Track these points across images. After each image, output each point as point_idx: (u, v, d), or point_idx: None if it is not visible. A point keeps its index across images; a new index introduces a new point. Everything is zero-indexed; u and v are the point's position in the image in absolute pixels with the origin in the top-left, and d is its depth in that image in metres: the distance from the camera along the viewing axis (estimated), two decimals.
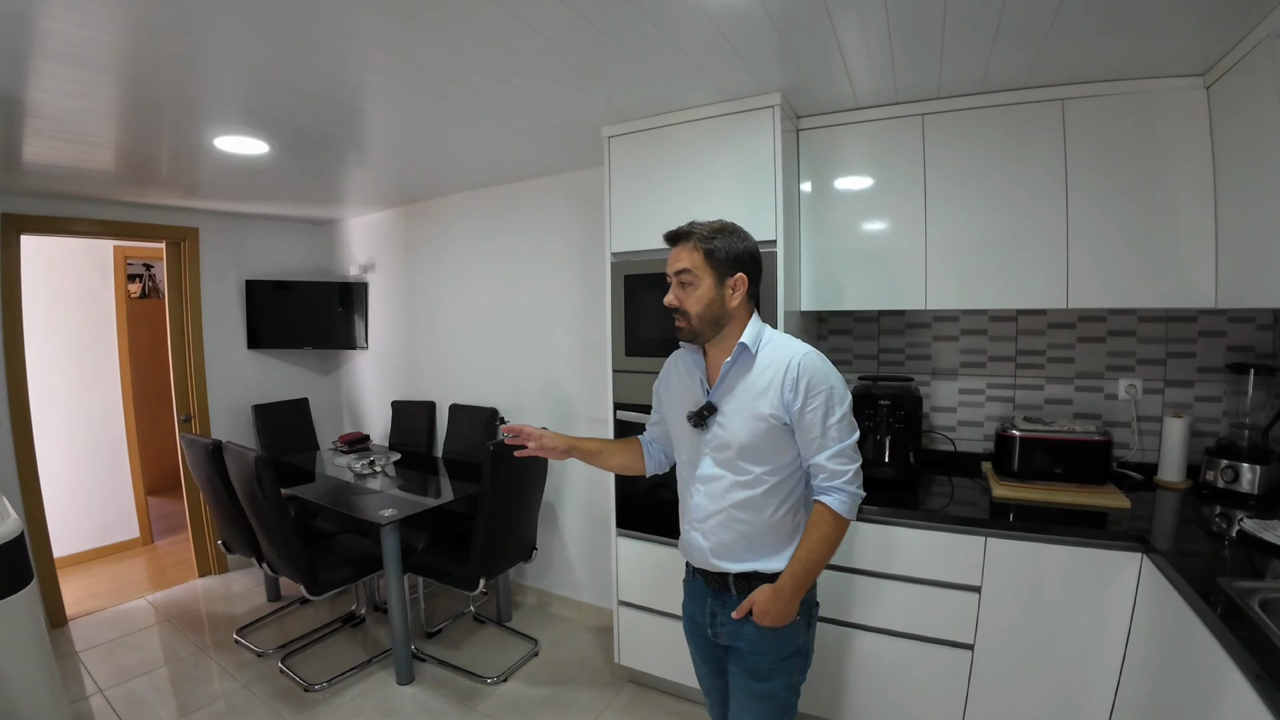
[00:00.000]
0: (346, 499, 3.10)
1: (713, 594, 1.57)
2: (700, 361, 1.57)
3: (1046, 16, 1.61)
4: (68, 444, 4.26)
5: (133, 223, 3.76)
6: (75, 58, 1.72)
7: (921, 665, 2.05)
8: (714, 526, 1.52)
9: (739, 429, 1.46)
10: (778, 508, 1.48)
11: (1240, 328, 2.20)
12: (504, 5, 1.54)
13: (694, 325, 1.47)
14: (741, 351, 1.47)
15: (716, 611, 1.56)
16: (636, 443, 1.80)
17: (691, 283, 1.46)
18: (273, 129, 2.44)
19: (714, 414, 1.50)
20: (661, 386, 1.72)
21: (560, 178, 3.34)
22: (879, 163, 2.32)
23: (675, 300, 1.48)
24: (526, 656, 3.03)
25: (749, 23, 1.67)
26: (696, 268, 1.45)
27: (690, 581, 1.67)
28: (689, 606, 1.67)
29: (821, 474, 1.44)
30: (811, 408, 1.41)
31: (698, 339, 1.50)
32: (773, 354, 1.47)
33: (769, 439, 1.45)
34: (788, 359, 1.44)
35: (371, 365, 4.60)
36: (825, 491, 1.44)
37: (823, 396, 1.41)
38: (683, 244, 1.47)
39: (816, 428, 1.42)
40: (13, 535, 2.07)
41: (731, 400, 1.48)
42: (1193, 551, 1.69)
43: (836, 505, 1.42)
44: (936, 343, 2.65)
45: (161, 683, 2.85)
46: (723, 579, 1.53)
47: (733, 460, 1.48)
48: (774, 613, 1.44)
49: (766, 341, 1.50)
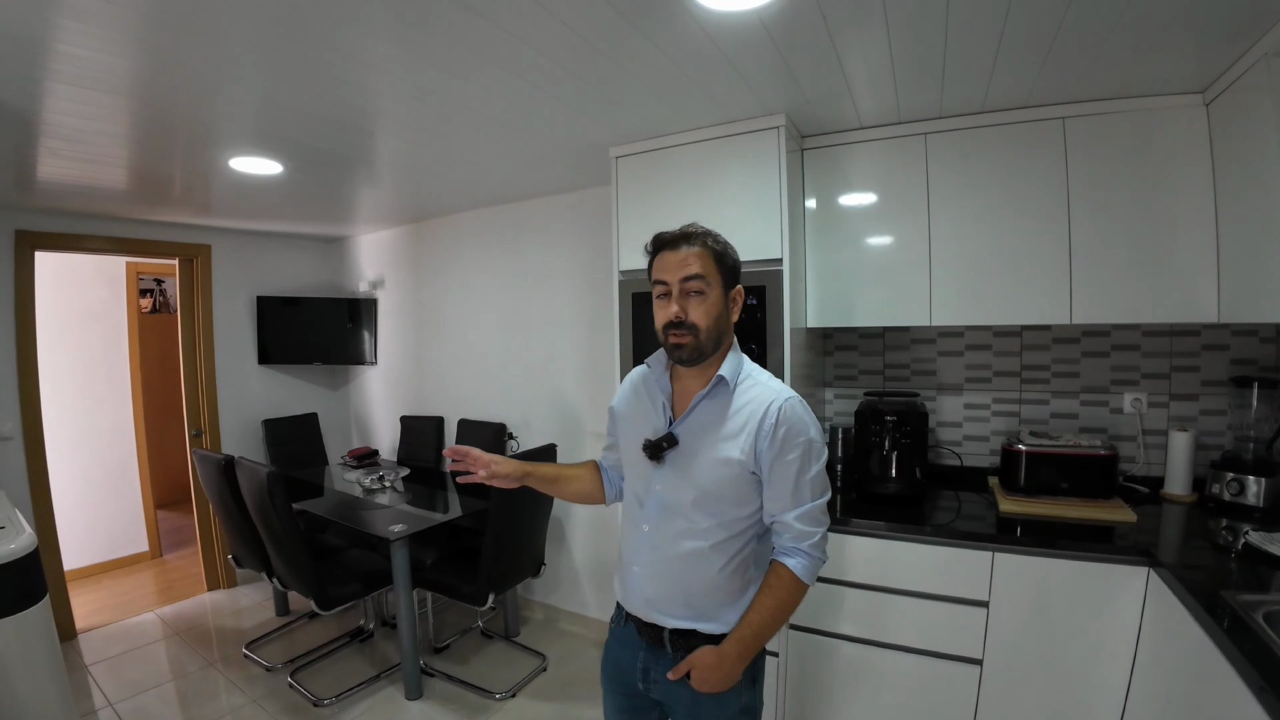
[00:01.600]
0: (355, 514, 3.12)
1: (646, 647, 1.39)
2: (666, 385, 1.40)
3: (1046, 38, 1.65)
4: (78, 457, 4.30)
5: (146, 240, 3.83)
6: (90, 80, 1.76)
7: (930, 681, 2.05)
8: (654, 573, 1.35)
9: (700, 471, 1.30)
10: (726, 564, 1.31)
11: (1244, 341, 2.21)
12: (513, 33, 1.58)
13: (701, 342, 1.29)
14: (719, 384, 1.32)
15: (650, 667, 1.39)
16: (595, 468, 1.63)
17: (703, 291, 1.28)
18: (286, 150, 2.49)
19: (673, 447, 1.32)
20: (619, 405, 1.52)
21: (568, 196, 3.39)
22: (882, 181, 2.35)
23: (680, 312, 1.28)
24: (535, 672, 3.03)
25: (753, 47, 1.70)
26: (709, 274, 1.29)
27: (620, 626, 1.47)
28: (615, 652, 1.47)
29: (787, 533, 1.29)
30: (787, 459, 1.26)
31: (701, 357, 1.31)
32: (751, 393, 1.31)
33: (732, 487, 1.29)
34: (767, 402, 1.29)
35: (380, 381, 4.64)
36: (788, 553, 1.29)
37: (801, 449, 1.27)
38: (693, 245, 1.29)
39: (789, 482, 1.27)
40: (27, 550, 2.10)
41: (696, 437, 1.32)
42: (1198, 565, 1.69)
43: (799, 570, 1.28)
44: (941, 358, 2.66)
45: (170, 697, 2.87)
46: (657, 632, 1.36)
47: (685, 505, 1.31)
48: (714, 680, 1.27)
49: (745, 377, 1.35)
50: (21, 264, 3.34)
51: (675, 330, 1.29)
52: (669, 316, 1.29)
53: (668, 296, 1.31)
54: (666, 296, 1.31)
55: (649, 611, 1.37)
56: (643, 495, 1.39)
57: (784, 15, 1.52)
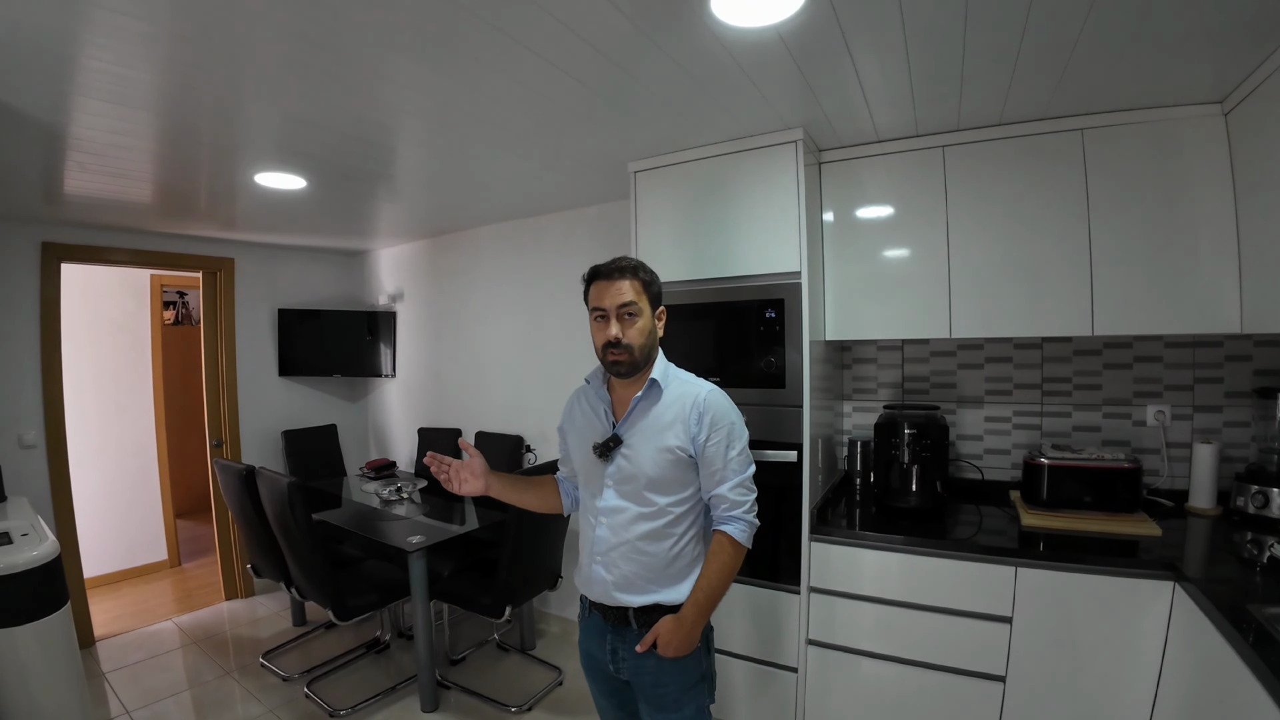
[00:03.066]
0: (373, 525, 3.14)
1: (612, 629, 1.57)
2: (605, 396, 1.61)
3: (1064, 49, 1.65)
4: (100, 466, 4.35)
5: (170, 253, 3.90)
6: (118, 96, 1.80)
7: (952, 698, 2.02)
8: (617, 559, 1.52)
9: (645, 461, 1.50)
10: (679, 539, 1.52)
11: (1267, 352, 2.19)
12: (535, 51, 1.61)
13: (636, 358, 1.51)
14: (652, 386, 1.53)
15: (617, 647, 1.57)
16: (552, 481, 1.82)
17: (635, 315, 1.50)
18: (310, 165, 2.54)
19: (619, 446, 1.53)
20: (566, 423, 1.72)
21: (586, 210, 3.42)
22: (901, 194, 2.36)
23: (619, 334, 1.49)
24: (550, 685, 3.02)
25: (771, 63, 1.72)
26: (640, 300, 1.51)
27: (587, 618, 1.66)
28: (586, 643, 1.67)
29: (723, 504, 1.50)
30: (714, 441, 1.48)
31: (636, 370, 1.53)
32: (679, 390, 1.54)
33: (675, 470, 1.50)
34: (693, 395, 1.52)
35: (399, 393, 4.68)
36: (726, 521, 1.50)
37: (725, 431, 1.49)
38: (627, 277, 1.52)
39: (719, 460, 1.49)
40: (50, 557, 2.13)
41: (638, 433, 1.52)
42: (1224, 579, 1.67)
43: (737, 534, 1.49)
44: (961, 370, 2.65)
45: (187, 705, 2.88)
46: (623, 614, 1.54)
47: (638, 492, 1.51)
48: (676, 643, 1.46)
49: (673, 378, 1.57)
50: (48, 275, 3.40)
51: (614, 349, 1.50)
52: (608, 337, 1.50)
53: (605, 319, 1.51)
54: (604, 319, 1.52)
55: (616, 595, 1.53)
56: (597, 492, 1.57)
57: (802, 31, 1.54)
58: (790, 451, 2.22)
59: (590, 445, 1.57)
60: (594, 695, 1.74)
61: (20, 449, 3.30)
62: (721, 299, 2.36)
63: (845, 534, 2.20)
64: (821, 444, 2.47)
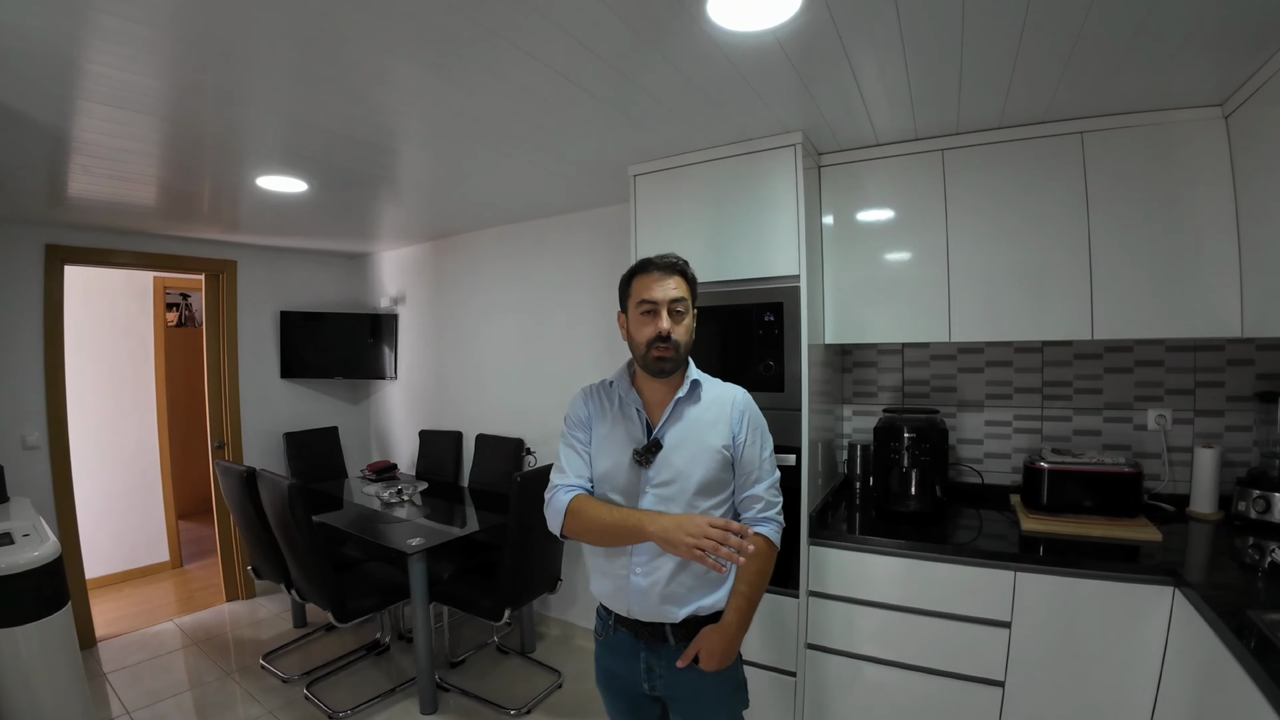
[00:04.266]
0: (374, 527, 3.14)
1: (646, 646, 1.50)
2: (635, 398, 1.52)
3: (1063, 52, 1.65)
4: (103, 467, 4.37)
5: (174, 255, 3.92)
6: (122, 100, 1.81)
7: (951, 703, 2.01)
8: (658, 570, 1.44)
9: (693, 464, 1.45)
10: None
11: (1269, 356, 2.18)
12: (536, 56, 1.62)
13: (680, 356, 1.47)
14: (694, 387, 1.50)
15: (653, 665, 1.50)
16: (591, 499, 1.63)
17: (684, 312, 1.47)
18: (312, 169, 2.55)
19: (659, 450, 1.46)
20: (580, 426, 1.56)
21: (587, 213, 3.43)
22: (900, 198, 2.36)
23: (670, 328, 1.44)
24: (550, 688, 3.02)
25: (770, 67, 1.72)
26: (687, 298, 1.49)
27: (610, 635, 1.56)
28: (608, 661, 1.59)
29: (758, 504, 1.48)
30: (751, 441, 1.48)
31: (677, 369, 1.49)
32: (714, 391, 1.53)
33: (722, 471, 1.47)
34: (730, 395, 1.52)
35: (400, 395, 4.69)
36: (760, 522, 1.47)
37: (760, 432, 1.50)
38: (676, 274, 1.48)
39: (755, 459, 1.48)
40: (52, 557, 2.14)
41: (681, 435, 1.47)
42: (1225, 584, 1.66)
43: (773, 534, 1.47)
44: (961, 374, 2.65)
45: (187, 706, 2.89)
46: (658, 629, 1.47)
47: (684, 496, 1.44)
48: (720, 653, 1.42)
49: (706, 379, 1.55)
50: (51, 277, 3.42)
51: (662, 345, 1.44)
52: (658, 331, 1.44)
53: (654, 314, 1.45)
54: (653, 314, 1.46)
55: (658, 610, 1.46)
56: (633, 500, 1.47)
57: (800, 34, 1.54)
58: (789, 455, 2.21)
59: (623, 449, 1.49)
60: (612, 715, 1.66)
61: (23, 450, 3.31)
62: (721, 302, 2.36)
63: (844, 538, 2.19)
64: (821, 447, 2.47)
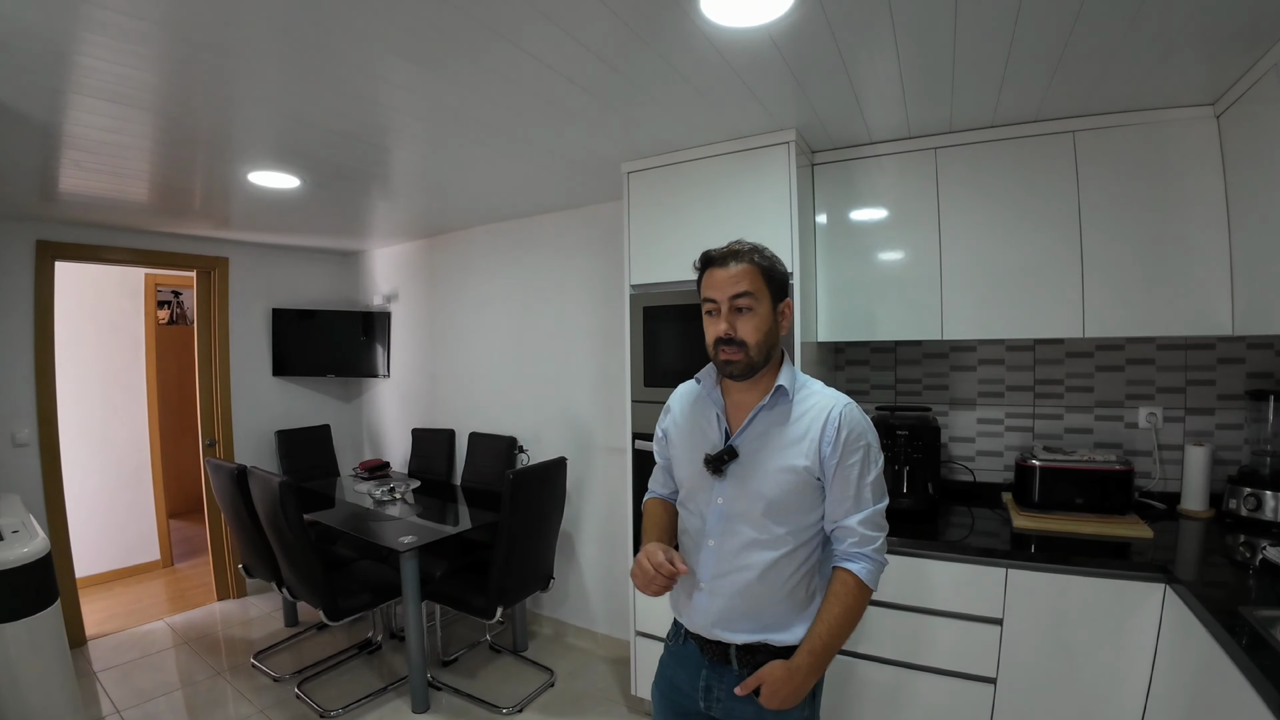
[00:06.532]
0: (366, 525, 3.13)
1: (709, 664, 1.38)
2: (719, 399, 1.39)
3: (1055, 51, 1.66)
4: (93, 465, 4.34)
5: (165, 252, 3.89)
6: (113, 94, 1.80)
7: (942, 699, 2.02)
8: (722, 588, 1.33)
9: (765, 480, 1.30)
10: (794, 572, 1.31)
11: (1259, 354, 2.19)
12: (529, 52, 1.62)
13: (752, 357, 1.30)
14: (779, 394, 1.32)
15: (713, 685, 1.37)
16: (672, 507, 1.56)
17: (751, 307, 1.29)
18: (304, 164, 2.53)
19: (733, 459, 1.33)
20: (669, 425, 1.50)
21: (580, 211, 3.42)
22: (893, 196, 2.36)
23: (730, 330, 1.29)
24: (542, 687, 3.01)
25: (764, 64, 1.73)
26: (757, 290, 1.30)
27: (680, 645, 1.46)
28: (672, 670, 1.47)
29: (850, 538, 1.29)
30: (849, 464, 1.27)
31: (753, 372, 1.32)
32: (810, 401, 1.33)
33: (799, 494, 1.29)
34: (827, 408, 1.30)
35: (393, 393, 4.67)
36: (852, 558, 1.29)
37: (861, 453, 1.28)
38: (743, 262, 1.30)
39: (851, 486, 1.28)
40: (40, 554, 2.13)
41: (758, 447, 1.32)
42: (1216, 581, 1.67)
43: (865, 575, 1.27)
44: (954, 372, 2.65)
45: (178, 705, 2.87)
46: (722, 649, 1.35)
47: (754, 515, 1.31)
48: (784, 695, 1.26)
49: (802, 386, 1.36)
50: (42, 273, 3.40)
51: (726, 347, 1.30)
52: (718, 333, 1.31)
53: (717, 313, 1.32)
54: (716, 313, 1.32)
55: (713, 629, 1.35)
56: (705, 511, 1.37)
57: (794, 32, 1.55)
58: None
59: (699, 455, 1.36)
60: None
61: (13, 447, 3.29)
62: None
63: None
64: None
